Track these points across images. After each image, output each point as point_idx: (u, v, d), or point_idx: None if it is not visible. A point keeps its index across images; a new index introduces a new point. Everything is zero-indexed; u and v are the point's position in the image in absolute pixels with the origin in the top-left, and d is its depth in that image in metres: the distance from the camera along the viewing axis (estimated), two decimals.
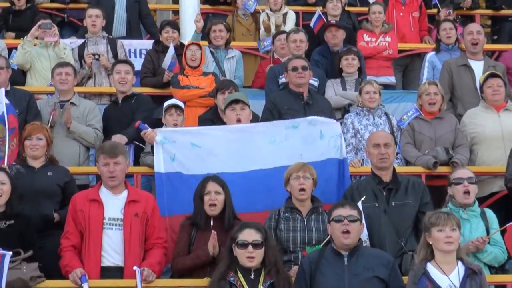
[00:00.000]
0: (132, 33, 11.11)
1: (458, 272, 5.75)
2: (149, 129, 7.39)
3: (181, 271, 6.55)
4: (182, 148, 7.26)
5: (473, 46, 9.27)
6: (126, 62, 9.05)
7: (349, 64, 9.24)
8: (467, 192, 6.80)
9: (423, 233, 5.91)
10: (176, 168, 7.21)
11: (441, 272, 5.73)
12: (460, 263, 5.79)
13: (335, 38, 9.92)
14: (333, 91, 9.07)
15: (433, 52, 10.12)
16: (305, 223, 6.61)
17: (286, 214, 6.64)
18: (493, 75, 8.47)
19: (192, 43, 9.49)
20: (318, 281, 5.83)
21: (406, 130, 8.35)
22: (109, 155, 6.48)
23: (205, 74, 9.35)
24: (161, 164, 7.21)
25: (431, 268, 5.77)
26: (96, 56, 9.68)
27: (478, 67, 9.17)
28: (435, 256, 5.79)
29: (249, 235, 5.79)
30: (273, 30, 10.73)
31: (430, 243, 5.81)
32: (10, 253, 5.99)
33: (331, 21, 10.37)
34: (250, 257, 5.73)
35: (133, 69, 8.86)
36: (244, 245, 5.74)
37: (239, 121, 7.43)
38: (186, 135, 7.37)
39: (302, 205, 6.65)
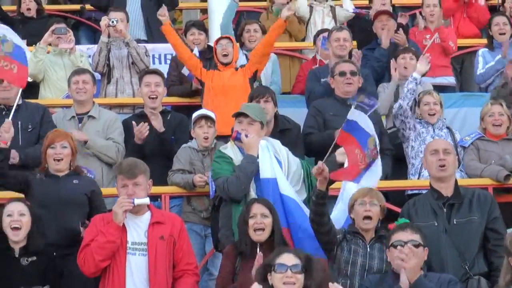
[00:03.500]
0: (153, 35, 11.10)
1: None
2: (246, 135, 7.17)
3: None
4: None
5: None
6: (156, 72, 8.98)
7: (407, 63, 9.07)
8: None
9: (505, 257, 5.85)
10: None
11: None
12: None
13: (386, 29, 9.93)
14: (384, 95, 9.00)
15: (486, 49, 10.09)
16: (369, 249, 6.57)
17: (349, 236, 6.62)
18: None
19: (223, 37, 9.37)
20: None
21: (470, 148, 8.34)
22: (127, 175, 6.48)
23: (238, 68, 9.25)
24: (268, 169, 7.05)
25: None
26: (113, 21, 9.68)
27: None
28: None
29: (288, 259, 5.75)
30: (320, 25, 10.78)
31: None
32: None
33: (382, 9, 10.33)
34: (289, 282, 5.66)
35: (163, 79, 8.84)
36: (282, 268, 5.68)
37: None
38: None
39: (365, 231, 6.60)
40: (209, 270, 7.78)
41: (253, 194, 7.05)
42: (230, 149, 7.28)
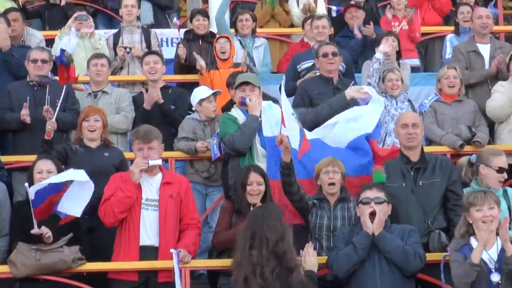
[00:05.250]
0: (159, 20, 11.08)
1: (497, 246, 5.74)
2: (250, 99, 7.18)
3: (222, 243, 6.54)
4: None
5: (482, 30, 9.22)
6: (154, 53, 9.02)
7: (390, 45, 8.95)
8: (502, 182, 6.80)
9: (463, 213, 5.91)
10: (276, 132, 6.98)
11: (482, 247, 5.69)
12: (499, 238, 5.74)
13: (355, 18, 9.93)
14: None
15: (453, 34, 10.05)
16: (333, 211, 6.62)
17: (315, 202, 6.65)
18: None
19: (221, 36, 9.42)
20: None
21: (428, 111, 8.35)
22: (143, 140, 6.47)
23: (235, 65, 9.26)
24: (268, 128, 7.06)
25: (473, 241, 5.77)
26: (127, 50, 9.68)
27: (485, 50, 9.14)
28: (476, 234, 5.76)
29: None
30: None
31: (470, 222, 5.80)
32: None
33: (352, 2, 10.31)
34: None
35: (161, 58, 8.81)
36: None
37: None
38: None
39: (331, 196, 6.65)
40: (209, 223, 7.78)
41: (258, 146, 7.08)
42: (234, 111, 7.32)
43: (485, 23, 9.25)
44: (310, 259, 5.97)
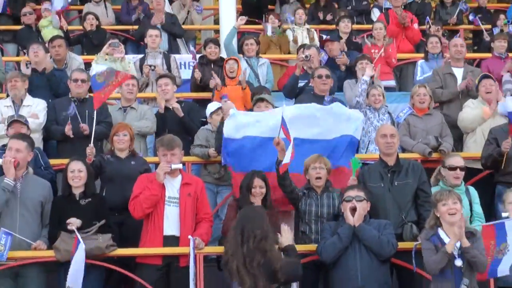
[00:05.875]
0: (172, 48, 11.05)
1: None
2: (229, 100, 7.33)
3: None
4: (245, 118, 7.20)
5: (456, 56, 9.22)
6: (165, 76, 8.88)
7: (363, 67, 8.94)
8: (458, 177, 6.76)
9: (432, 208, 5.88)
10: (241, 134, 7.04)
11: (447, 236, 5.69)
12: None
13: (332, 50, 9.95)
14: (351, 91, 8.84)
15: (423, 60, 10.01)
16: (320, 200, 6.59)
17: (305, 192, 6.63)
18: (486, 76, 8.41)
19: (230, 58, 9.37)
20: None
21: (402, 124, 8.29)
22: (167, 147, 6.45)
23: (239, 83, 9.20)
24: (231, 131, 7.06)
25: (441, 231, 5.74)
26: (152, 67, 9.60)
27: (459, 73, 9.09)
28: (443, 226, 5.75)
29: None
30: (300, 43, 10.68)
31: (438, 216, 5.77)
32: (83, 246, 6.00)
33: (327, 37, 10.33)
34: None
35: (172, 80, 8.70)
36: None
37: None
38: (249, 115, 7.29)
39: (317, 187, 6.62)
40: (219, 216, 7.70)
41: None
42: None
43: (459, 51, 9.22)
44: (286, 235, 5.89)
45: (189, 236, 6.20)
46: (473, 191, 6.89)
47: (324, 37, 10.43)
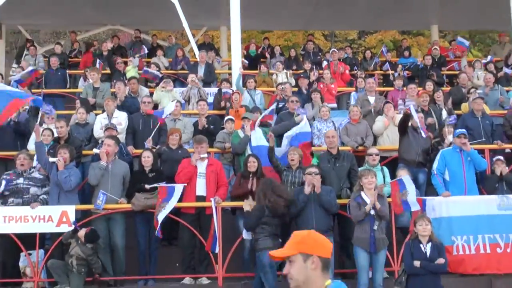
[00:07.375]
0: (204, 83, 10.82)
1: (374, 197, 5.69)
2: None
3: (235, 194, 6.44)
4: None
5: (370, 89, 9.17)
6: (202, 100, 8.55)
7: (316, 97, 8.96)
8: (374, 160, 6.75)
9: (358, 180, 5.81)
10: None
11: (367, 198, 5.72)
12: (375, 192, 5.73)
13: (302, 83, 9.91)
14: (307, 111, 8.71)
15: (354, 92, 9.97)
16: (294, 173, 6.48)
17: (285, 168, 6.58)
18: (387, 102, 8.35)
19: (235, 92, 9.14)
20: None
21: (343, 128, 8.15)
22: (198, 143, 6.47)
23: (241, 106, 9.00)
24: (254, 141, 7.02)
25: (363, 194, 5.75)
26: (193, 78, 9.35)
27: (372, 99, 9.03)
28: (364, 191, 5.76)
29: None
30: (280, 81, 10.55)
31: (362, 184, 5.77)
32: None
33: (301, 75, 10.25)
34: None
35: (206, 102, 8.58)
36: None
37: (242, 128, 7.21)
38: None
39: (293, 165, 6.56)
40: (231, 184, 7.35)
41: (248, 151, 6.95)
42: (239, 131, 7.38)
43: (372, 86, 9.13)
44: (251, 204, 5.86)
45: (211, 198, 6.13)
46: (385, 169, 6.86)
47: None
